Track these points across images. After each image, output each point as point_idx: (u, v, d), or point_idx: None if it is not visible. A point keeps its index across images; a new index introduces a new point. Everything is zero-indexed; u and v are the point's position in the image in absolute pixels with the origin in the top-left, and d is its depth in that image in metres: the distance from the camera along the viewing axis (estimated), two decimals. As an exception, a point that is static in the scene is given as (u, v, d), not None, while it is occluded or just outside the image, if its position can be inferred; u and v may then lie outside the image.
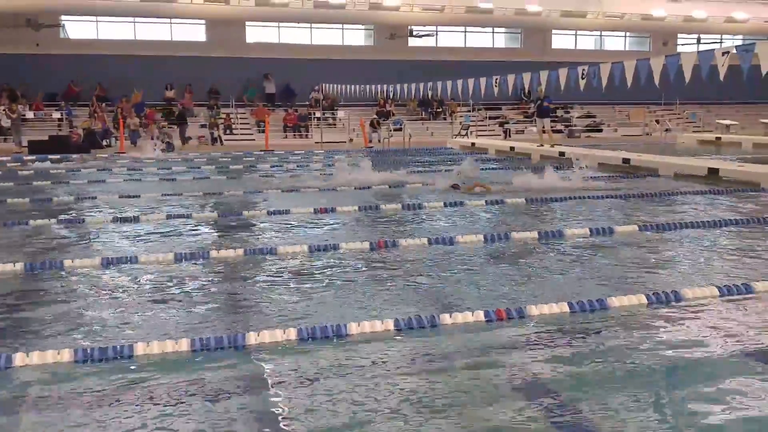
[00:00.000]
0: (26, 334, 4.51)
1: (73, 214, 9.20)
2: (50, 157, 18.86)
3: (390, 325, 4.44)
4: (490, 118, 31.61)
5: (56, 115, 25.86)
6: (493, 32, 34.28)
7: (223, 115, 28.01)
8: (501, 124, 30.93)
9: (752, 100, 34.42)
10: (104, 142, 24.20)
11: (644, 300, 4.94)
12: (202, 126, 27.05)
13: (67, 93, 27.62)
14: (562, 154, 17.07)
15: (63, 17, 28.05)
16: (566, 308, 4.74)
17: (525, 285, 5.57)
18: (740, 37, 34.13)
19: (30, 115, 24.95)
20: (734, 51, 10.60)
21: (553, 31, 34.46)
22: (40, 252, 6.99)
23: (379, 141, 26.09)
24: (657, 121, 31.22)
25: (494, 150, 20.10)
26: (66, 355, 3.99)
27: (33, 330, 4.60)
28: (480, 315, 4.58)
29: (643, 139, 27.56)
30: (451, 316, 4.56)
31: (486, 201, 9.88)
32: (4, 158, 18.72)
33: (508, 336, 4.36)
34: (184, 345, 4.14)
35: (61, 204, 10.38)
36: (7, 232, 7.99)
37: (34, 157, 19.10)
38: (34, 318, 4.84)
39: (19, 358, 3.94)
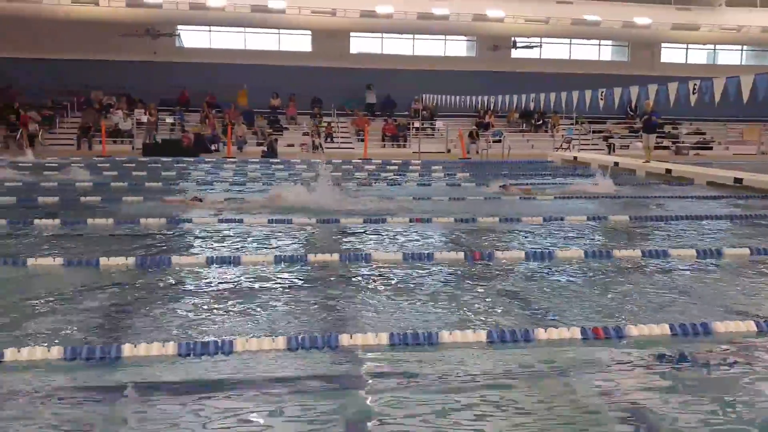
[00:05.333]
0: (132, 326, 4.77)
1: (183, 215, 9.60)
2: (162, 159, 19.83)
3: (482, 336, 4.41)
4: (594, 132, 30.82)
5: (169, 119, 27.18)
6: (599, 45, 33.47)
7: (325, 124, 28.61)
8: (605, 139, 30.09)
9: None
10: (212, 147, 25.20)
11: (754, 327, 4.68)
12: (305, 134, 27.73)
13: (180, 99, 28.98)
14: (668, 171, 16.44)
15: (179, 27, 29.48)
16: (667, 330, 4.57)
17: (625, 304, 5.40)
18: None
19: (145, 119, 26.33)
20: None
21: (663, 45, 33.26)
22: (150, 249, 7.36)
23: (477, 152, 25.93)
24: (774, 140, 29.53)
25: (597, 165, 19.58)
26: (170, 348, 4.19)
27: (139, 323, 4.86)
28: (576, 332, 4.48)
29: (759, 159, 26.12)
30: (545, 331, 4.48)
31: (587, 216, 9.63)
32: (120, 158, 19.86)
33: (604, 355, 4.25)
34: (280, 343, 4.26)
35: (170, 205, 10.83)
36: (121, 229, 8.46)
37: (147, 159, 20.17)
38: (141, 312, 5.10)
39: (127, 349, 4.16)
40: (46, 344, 4.16)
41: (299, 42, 30.59)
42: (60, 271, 6.25)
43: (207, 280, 6.00)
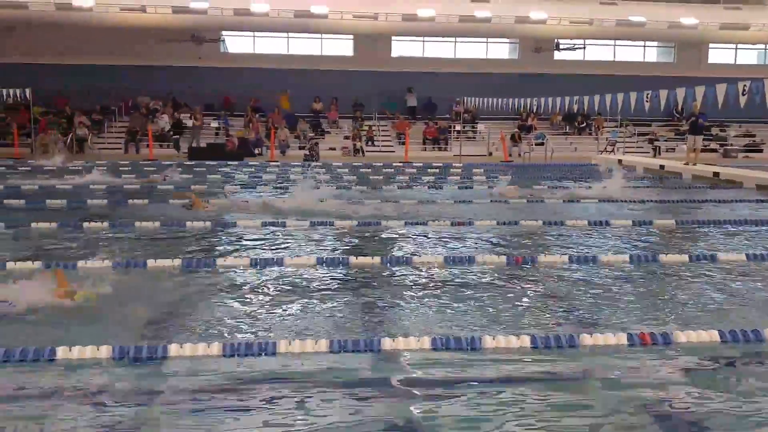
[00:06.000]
0: (178, 327, 4.85)
1: (228, 218, 9.71)
2: (207, 162, 20.13)
3: (526, 341, 4.37)
4: (639, 134, 30.31)
5: (214, 124, 27.57)
6: (644, 46, 32.90)
7: (366, 127, 28.71)
8: (650, 141, 29.56)
9: None
10: (256, 151, 25.49)
11: (807, 334, 4.55)
12: (346, 137, 27.86)
13: (224, 103, 29.40)
14: (716, 174, 16.08)
15: (224, 32, 29.90)
16: (716, 337, 4.46)
17: (672, 310, 5.30)
18: None
19: (189, 123, 26.76)
20: None
21: (710, 45, 32.54)
22: (195, 251, 7.48)
23: (519, 155, 25.72)
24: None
25: (642, 168, 19.26)
26: (215, 349, 4.25)
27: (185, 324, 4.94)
28: (622, 338, 4.41)
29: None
30: (591, 337, 4.42)
31: (633, 221, 9.46)
32: (166, 162, 20.21)
33: (651, 361, 4.17)
34: (323, 346, 4.28)
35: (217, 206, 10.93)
36: (168, 232, 8.61)
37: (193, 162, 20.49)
38: (187, 312, 5.18)
39: (173, 350, 4.23)
40: (95, 343, 4.25)
41: (341, 46, 30.74)
42: (109, 272, 6.38)
43: (251, 282, 6.07)
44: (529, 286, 6.07)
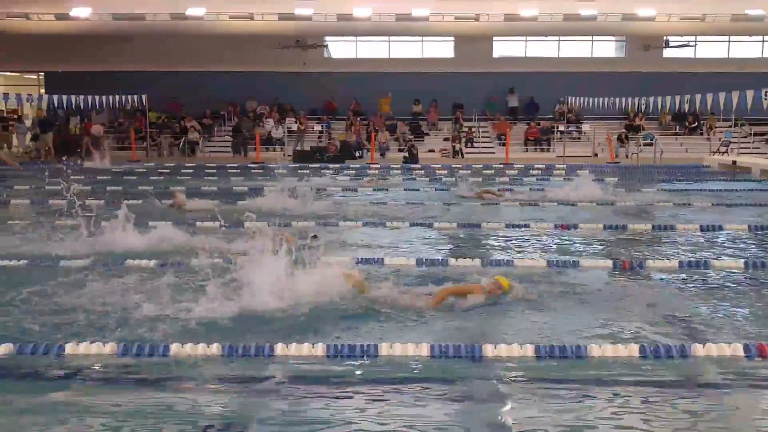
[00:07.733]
0: (284, 327, 4.99)
1: (329, 217, 9.89)
2: (310, 165, 20.59)
3: (635, 350, 4.22)
4: (755, 134, 28.65)
5: (317, 128, 28.22)
6: (762, 41, 31.08)
7: (466, 129, 28.55)
8: (768, 142, 27.90)
9: None
10: (357, 154, 25.88)
11: None
12: (445, 139, 27.81)
13: (326, 108, 30.03)
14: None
15: (327, 38, 30.53)
16: None
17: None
18: None
19: (294, 127, 27.49)
20: None
21: (841, 37, 30.36)
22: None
23: (626, 156, 24.88)
24: None
25: (759, 170, 18.19)
26: (319, 350, 4.35)
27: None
28: (738, 348, 4.19)
29: None
30: (704, 347, 4.23)
31: (749, 227, 8.96)
32: (272, 165, 20.82)
33: (770, 376, 3.96)
34: (424, 350, 4.30)
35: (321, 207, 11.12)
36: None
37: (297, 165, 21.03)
38: (293, 313, 5.32)
39: (279, 349, 4.36)
40: (205, 341, 4.42)
41: (442, 48, 30.73)
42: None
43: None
44: (637, 291, 5.86)
